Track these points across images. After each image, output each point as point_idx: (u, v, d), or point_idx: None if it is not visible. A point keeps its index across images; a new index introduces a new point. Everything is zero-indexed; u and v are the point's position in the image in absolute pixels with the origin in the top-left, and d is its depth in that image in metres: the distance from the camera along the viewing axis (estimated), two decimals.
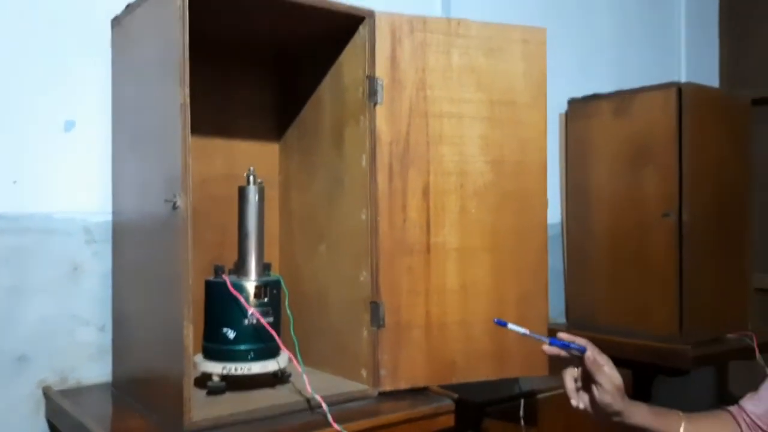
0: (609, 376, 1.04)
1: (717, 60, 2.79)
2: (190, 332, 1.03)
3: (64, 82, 1.30)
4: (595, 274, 2.00)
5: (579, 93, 2.07)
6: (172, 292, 1.05)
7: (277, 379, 1.22)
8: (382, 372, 1.22)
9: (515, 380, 1.44)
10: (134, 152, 1.22)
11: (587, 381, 1.07)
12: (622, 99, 1.94)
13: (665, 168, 1.83)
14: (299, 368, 1.15)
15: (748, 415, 1.12)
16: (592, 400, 1.06)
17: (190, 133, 1.02)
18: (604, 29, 2.35)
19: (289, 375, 1.24)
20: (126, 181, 1.26)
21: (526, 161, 1.32)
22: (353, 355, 1.26)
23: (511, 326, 1.08)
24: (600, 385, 1.04)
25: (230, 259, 1.34)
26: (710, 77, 2.74)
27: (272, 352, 1.20)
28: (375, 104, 1.21)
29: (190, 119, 1.02)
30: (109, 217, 1.32)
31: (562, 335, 1.07)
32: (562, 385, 1.10)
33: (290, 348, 1.19)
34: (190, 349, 1.04)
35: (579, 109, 2.05)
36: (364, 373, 1.23)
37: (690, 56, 2.60)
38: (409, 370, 1.23)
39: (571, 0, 2.25)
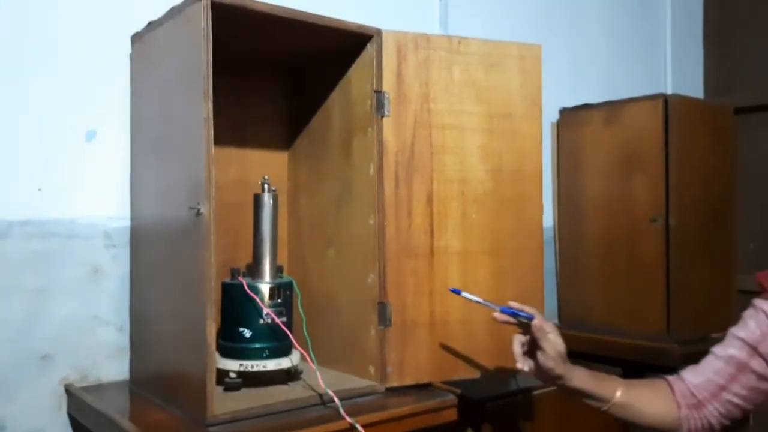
0: (553, 342, 1.13)
1: (702, 70, 2.89)
2: (213, 330, 1.10)
3: (86, 94, 1.37)
4: (587, 276, 2.08)
5: (570, 103, 2.16)
6: (196, 293, 1.12)
7: (290, 375, 1.29)
8: (389, 369, 1.29)
9: (513, 377, 1.51)
10: (155, 161, 1.29)
11: (533, 347, 1.15)
12: (611, 109, 2.03)
13: (653, 175, 1.91)
14: (312, 365, 1.22)
15: (684, 383, 1.16)
16: (537, 364, 1.15)
17: (213, 145, 1.10)
18: (595, 42, 2.45)
19: (301, 372, 1.31)
20: (146, 189, 1.33)
21: (522, 169, 1.40)
22: (361, 353, 1.33)
23: (464, 294, 1.20)
24: (544, 350, 1.13)
25: (243, 261, 1.42)
26: (695, 87, 2.85)
27: (285, 350, 1.27)
28: (382, 116, 1.29)
29: (213, 132, 1.10)
30: (128, 223, 1.39)
31: (513, 304, 1.16)
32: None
33: (302, 346, 1.26)
34: (213, 346, 1.11)
35: (571, 118, 2.14)
36: (372, 369, 1.31)
37: (676, 68, 2.71)
38: (414, 366, 1.31)
39: (564, 14, 2.35)
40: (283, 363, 1.26)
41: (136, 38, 1.36)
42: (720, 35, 2.86)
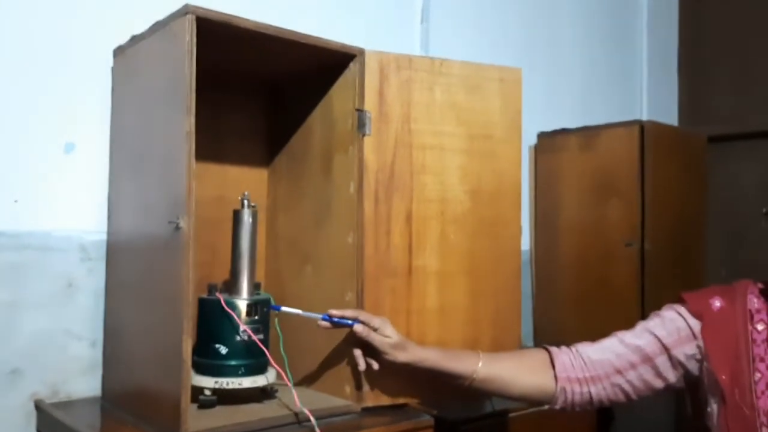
0: (380, 339, 1.20)
1: (676, 99, 2.95)
2: (189, 346, 1.09)
3: (66, 106, 1.36)
4: (562, 299, 2.10)
5: (548, 127, 2.19)
6: (173, 308, 1.11)
7: (265, 394, 1.28)
8: (365, 388, 1.29)
9: (489, 399, 1.51)
10: (135, 175, 1.28)
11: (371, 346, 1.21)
12: (588, 134, 2.06)
13: (628, 200, 1.94)
14: (288, 383, 1.21)
15: (574, 356, 1.19)
16: (380, 360, 1.22)
17: (194, 160, 1.09)
18: (572, 68, 2.49)
19: (276, 390, 1.29)
20: (124, 202, 1.32)
21: (501, 191, 1.41)
22: (337, 372, 1.32)
23: (284, 309, 1.26)
24: (376, 348, 1.20)
25: (220, 278, 1.41)
26: (670, 115, 2.91)
27: (261, 368, 1.26)
28: (363, 135, 1.30)
29: (194, 148, 1.09)
30: (104, 236, 1.38)
31: (332, 312, 1.21)
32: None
33: (279, 364, 1.25)
34: (189, 362, 1.09)
35: (548, 142, 2.17)
36: (347, 389, 1.30)
37: (651, 95, 2.76)
38: (390, 386, 1.30)
39: (542, 39, 2.39)
40: (258, 381, 1.25)
41: (118, 51, 1.35)
42: (694, 63, 2.93)
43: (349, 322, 1.21)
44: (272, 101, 1.56)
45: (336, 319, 1.22)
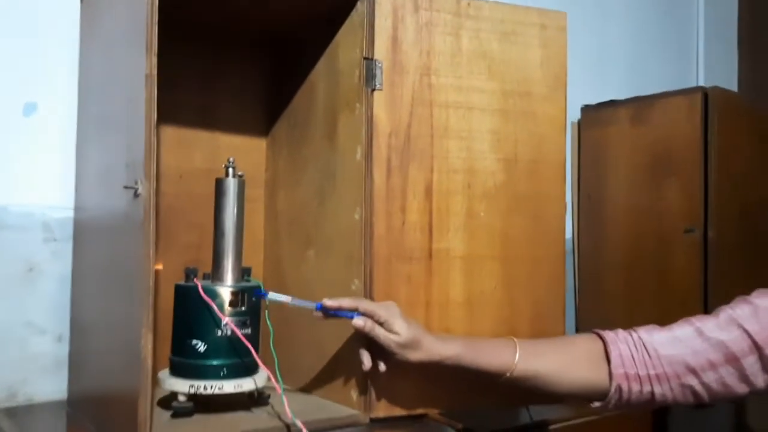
0: (385, 337, 0.97)
1: (736, 70, 2.65)
2: (149, 341, 0.88)
3: (26, 60, 1.17)
4: (610, 292, 1.85)
5: (592, 99, 1.93)
6: (132, 295, 0.90)
7: (254, 400, 1.07)
8: (375, 395, 1.06)
9: (526, 408, 1.28)
10: (98, 137, 1.08)
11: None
12: (640, 105, 1.82)
13: (688, 180, 1.69)
14: (278, 388, 0.99)
15: (641, 343, 0.99)
16: (389, 360, 1.01)
17: (155, 109, 0.88)
18: (620, 34, 2.22)
19: (268, 396, 1.08)
20: (89, 171, 1.12)
21: (542, 160, 1.18)
22: (343, 375, 1.10)
23: (271, 295, 1.03)
24: (384, 347, 0.98)
25: (209, 263, 1.19)
26: (729, 87, 2.60)
27: (248, 370, 1.05)
28: (373, 90, 1.07)
29: (156, 93, 0.88)
30: (71, 213, 1.18)
31: (327, 302, 0.99)
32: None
33: (269, 365, 1.04)
34: (149, 362, 0.88)
35: (593, 116, 1.92)
36: (354, 395, 1.08)
37: (708, 64, 2.47)
38: (406, 393, 1.08)
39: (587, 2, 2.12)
40: (244, 384, 1.04)
41: None
42: (756, 31, 2.63)
43: (348, 314, 0.99)
44: (271, 58, 1.35)
45: (335, 311, 0.99)
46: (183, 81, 1.25)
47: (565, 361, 1.02)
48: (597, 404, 1.02)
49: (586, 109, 1.94)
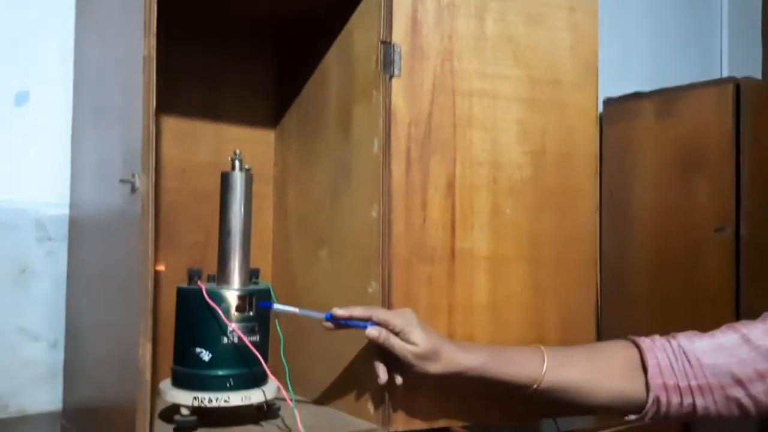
0: (401, 348, 0.89)
1: (760, 60, 2.55)
2: (148, 351, 0.80)
3: (17, 46, 1.10)
4: (635, 295, 1.76)
5: (612, 92, 1.84)
6: (129, 299, 0.82)
7: (263, 413, 0.98)
8: (393, 407, 0.98)
9: (554, 420, 1.20)
10: (94, 128, 1.00)
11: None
12: (666, 98, 1.72)
13: (719, 175, 1.60)
14: (288, 400, 0.91)
15: (680, 351, 0.91)
16: (407, 373, 0.93)
17: (154, 95, 0.80)
18: (640, 23, 2.13)
19: (278, 408, 1.00)
20: (85, 165, 1.04)
21: (572, 153, 1.10)
22: (358, 386, 1.02)
23: (277, 306, 0.95)
24: (400, 358, 0.90)
25: (214, 264, 1.11)
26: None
27: (257, 380, 0.97)
28: (391, 76, 0.99)
29: (155, 77, 0.80)
30: (66, 210, 1.10)
31: (338, 311, 0.91)
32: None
33: (280, 375, 0.95)
34: (147, 374, 0.80)
35: (617, 110, 1.83)
36: (371, 407, 1.00)
37: (732, 55, 2.36)
38: (426, 405, 0.99)
39: None
40: (252, 396, 0.95)
41: None
42: None
43: (360, 323, 0.91)
44: (279, 46, 1.26)
45: (346, 321, 0.91)
46: (185, 70, 1.17)
47: (598, 370, 0.94)
48: (632, 417, 0.94)
49: (609, 103, 1.85)
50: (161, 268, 1.14)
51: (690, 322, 1.61)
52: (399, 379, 0.93)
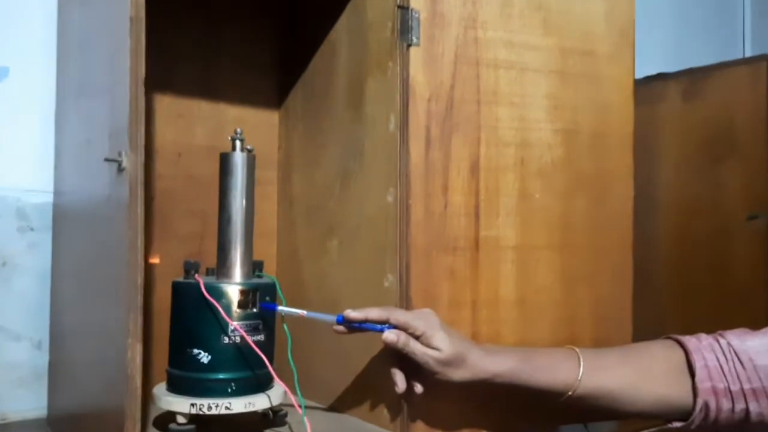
0: (423, 354, 0.80)
1: None
2: (138, 354, 0.70)
3: None
4: (662, 289, 1.66)
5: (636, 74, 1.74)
6: (117, 296, 0.72)
7: (268, 421, 0.89)
8: (412, 416, 0.88)
9: (584, 427, 1.10)
10: (79, 105, 0.90)
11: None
12: (694, 78, 1.62)
13: (751, 160, 1.50)
14: (297, 407, 0.81)
15: (731, 351, 0.82)
16: (428, 380, 0.83)
17: (143, 61, 0.70)
18: (659, 3, 2.03)
19: (285, 415, 0.90)
20: (70, 147, 0.94)
21: (607, 132, 1.01)
22: (373, 389, 0.92)
23: (281, 309, 0.86)
24: (421, 365, 0.81)
25: (213, 256, 1.01)
26: None
27: (261, 384, 0.87)
28: (408, 45, 0.89)
29: (144, 40, 0.70)
30: (51, 197, 1.00)
31: (351, 313, 0.81)
32: None
33: (287, 378, 0.86)
34: (138, 380, 0.71)
35: (640, 92, 1.67)
36: (387, 414, 0.90)
37: (756, 33, 2.26)
38: (447, 412, 0.90)
39: None
40: (256, 402, 0.85)
41: None
42: None
43: (376, 326, 0.81)
44: (285, 18, 1.16)
45: (360, 324, 0.82)
46: (184, 47, 1.07)
47: (639, 374, 0.85)
48: (677, 425, 0.85)
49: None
50: (155, 260, 1.04)
51: (719, 317, 1.52)
52: (419, 388, 0.83)
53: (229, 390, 0.85)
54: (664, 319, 1.65)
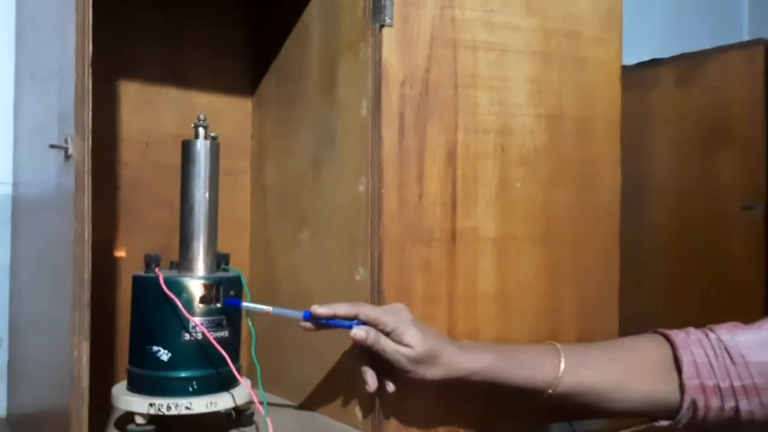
0: (394, 352, 0.76)
1: None
2: (85, 352, 0.66)
3: None
4: (654, 281, 1.62)
5: (627, 60, 1.70)
6: (65, 291, 0.68)
7: (233, 421, 0.85)
8: (385, 414, 0.84)
9: (569, 425, 1.06)
10: (33, 91, 0.85)
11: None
12: (688, 64, 1.58)
13: (747, 148, 1.46)
14: (260, 407, 0.77)
15: (721, 346, 0.79)
16: (400, 378, 0.79)
17: (90, 38, 0.65)
18: None
19: (252, 415, 0.86)
20: (24, 134, 0.89)
21: (592, 117, 0.96)
22: (345, 386, 0.88)
23: (245, 305, 0.82)
24: (393, 363, 0.77)
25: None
26: None
27: (225, 383, 0.83)
28: (381, 26, 0.84)
29: (91, 16, 0.65)
30: (10, 189, 0.96)
31: (318, 309, 0.77)
32: None
33: (255, 375, 0.82)
34: (84, 380, 0.67)
35: (632, 78, 1.65)
36: (359, 413, 0.86)
37: (754, 17, 2.21)
38: (422, 410, 0.86)
39: None
40: (219, 402, 0.81)
41: None
42: None
43: (345, 323, 0.77)
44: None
45: (328, 320, 0.77)
46: (149, 31, 1.03)
47: (623, 371, 0.81)
48: (664, 423, 0.81)
49: (624, 71, 1.70)
50: (121, 254, 1.00)
51: (713, 310, 1.48)
52: (391, 387, 0.79)
53: (191, 389, 0.81)
54: (657, 312, 1.62)
